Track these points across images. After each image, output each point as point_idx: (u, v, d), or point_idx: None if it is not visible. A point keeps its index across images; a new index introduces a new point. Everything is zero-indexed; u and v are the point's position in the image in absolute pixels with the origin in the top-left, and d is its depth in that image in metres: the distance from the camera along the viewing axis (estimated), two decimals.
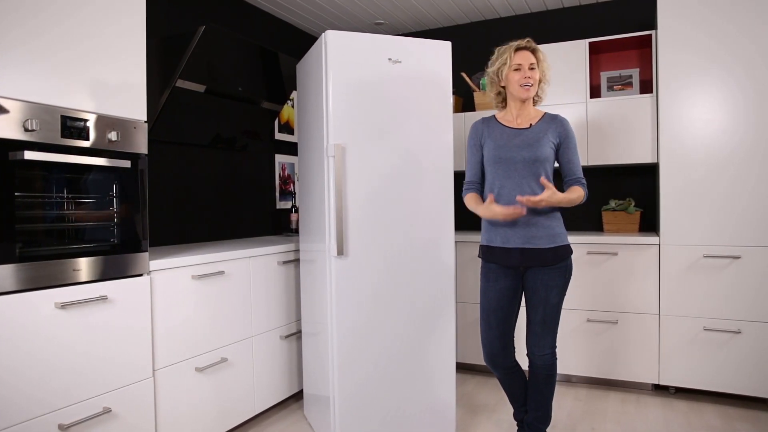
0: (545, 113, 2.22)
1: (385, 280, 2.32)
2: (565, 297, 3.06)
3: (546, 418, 2.21)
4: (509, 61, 2.14)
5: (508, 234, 2.13)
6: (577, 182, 2.16)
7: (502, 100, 2.26)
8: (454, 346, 2.46)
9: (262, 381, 2.66)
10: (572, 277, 3.07)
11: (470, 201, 2.25)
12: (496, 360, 2.21)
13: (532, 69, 2.14)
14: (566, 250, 2.14)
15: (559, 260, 2.11)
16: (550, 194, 2.00)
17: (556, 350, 2.18)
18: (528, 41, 2.17)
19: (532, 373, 2.20)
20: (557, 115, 2.21)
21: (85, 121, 1.82)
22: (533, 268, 2.13)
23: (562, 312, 3.11)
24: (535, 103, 2.25)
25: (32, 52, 1.68)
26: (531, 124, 2.17)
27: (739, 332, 2.75)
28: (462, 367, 3.52)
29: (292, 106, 3.81)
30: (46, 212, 1.79)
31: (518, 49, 2.15)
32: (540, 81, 2.18)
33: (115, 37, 1.94)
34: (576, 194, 2.12)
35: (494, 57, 2.22)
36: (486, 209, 2.11)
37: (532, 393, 2.20)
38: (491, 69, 2.22)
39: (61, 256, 1.77)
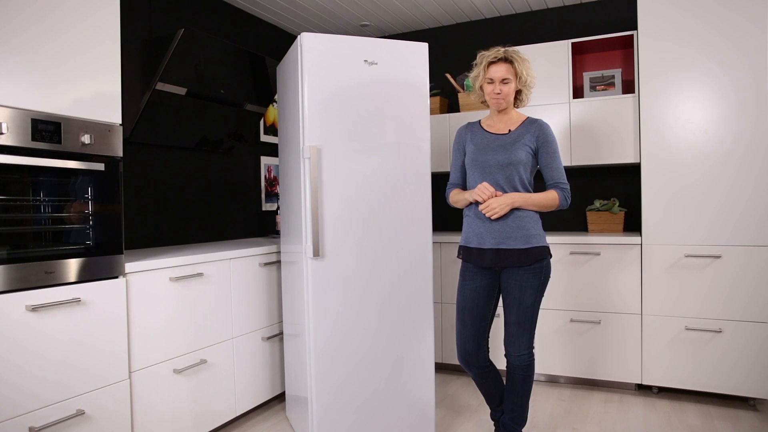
0: (527, 118, 2.22)
1: (362, 281, 2.33)
2: (549, 297, 3.11)
3: (522, 419, 2.21)
4: (482, 74, 2.18)
5: (483, 235, 2.16)
6: (555, 186, 2.16)
7: (488, 105, 2.28)
8: (432, 347, 2.46)
9: (243, 382, 2.66)
10: (556, 278, 3.10)
11: (454, 195, 2.32)
12: (470, 359, 2.22)
13: (505, 83, 2.14)
14: (541, 252, 2.13)
15: (533, 261, 2.11)
16: (513, 197, 2.08)
17: (534, 350, 2.18)
18: (504, 52, 2.14)
19: (509, 373, 2.20)
20: (536, 120, 2.21)
21: (57, 124, 1.83)
22: (508, 268, 2.14)
23: (546, 312, 3.13)
24: (517, 106, 2.25)
25: (2, 54, 1.69)
26: (510, 130, 2.20)
27: (720, 331, 2.75)
28: (446, 368, 3.53)
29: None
30: (18, 215, 1.80)
31: (491, 62, 2.15)
32: (520, 90, 2.19)
33: (88, 38, 1.95)
34: (547, 197, 2.12)
35: (475, 63, 2.24)
36: (468, 193, 2.19)
37: (508, 393, 2.21)
38: (471, 75, 2.26)
39: (33, 258, 1.77)
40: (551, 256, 2.19)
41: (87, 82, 1.94)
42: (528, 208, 2.13)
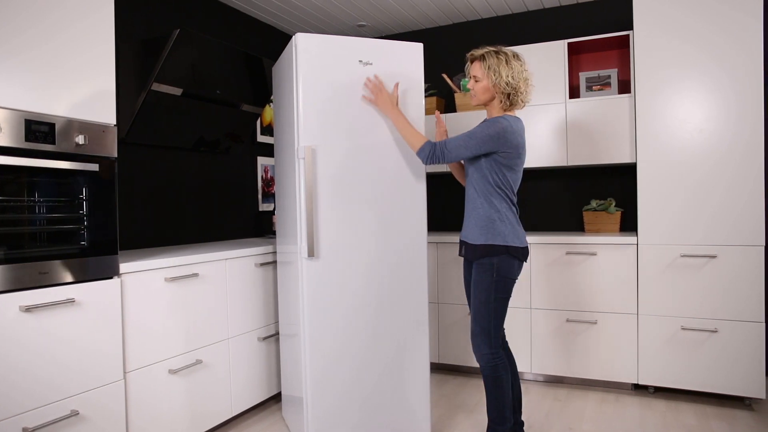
0: (499, 116, 2.13)
1: (357, 282, 2.33)
2: (546, 297, 3.11)
3: (501, 419, 2.15)
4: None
5: (464, 227, 2.29)
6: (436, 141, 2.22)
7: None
8: (427, 346, 2.47)
9: (239, 383, 2.66)
10: (553, 278, 3.10)
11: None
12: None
13: (475, 80, 2.18)
14: (491, 249, 2.09)
15: (481, 256, 2.11)
16: (394, 107, 2.26)
17: (510, 349, 2.16)
18: (471, 53, 2.20)
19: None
20: (497, 117, 2.13)
21: (51, 125, 1.83)
22: (472, 261, 2.20)
23: (542, 312, 3.13)
24: (509, 109, 2.16)
25: None
26: None
27: (716, 331, 2.75)
28: (443, 368, 3.53)
29: None
30: (12, 215, 1.79)
31: (471, 61, 2.22)
32: (500, 89, 2.09)
33: (83, 41, 1.95)
34: (414, 134, 2.21)
35: None
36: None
37: (486, 394, 2.20)
38: None
39: (27, 259, 1.77)
40: (517, 257, 2.10)
41: (81, 84, 1.94)
42: (396, 126, 2.26)
